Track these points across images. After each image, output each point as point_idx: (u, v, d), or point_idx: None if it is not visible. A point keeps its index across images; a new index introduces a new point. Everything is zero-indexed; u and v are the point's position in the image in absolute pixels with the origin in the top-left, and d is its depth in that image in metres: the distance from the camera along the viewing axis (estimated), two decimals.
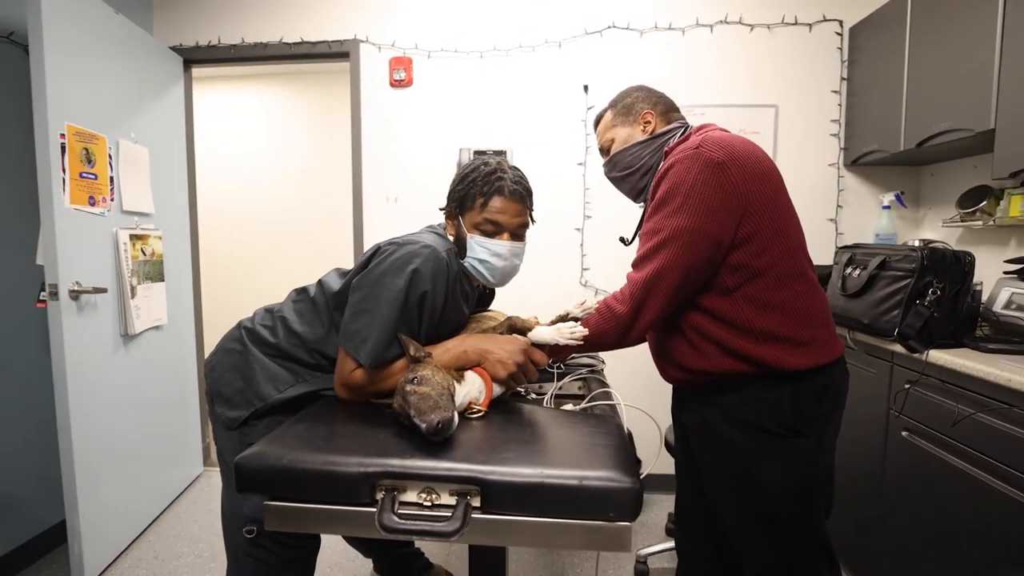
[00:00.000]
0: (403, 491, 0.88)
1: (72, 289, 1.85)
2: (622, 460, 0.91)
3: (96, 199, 2.01)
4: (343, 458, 0.90)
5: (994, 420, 1.34)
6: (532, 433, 1.02)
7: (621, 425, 1.10)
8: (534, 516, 0.85)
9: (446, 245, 1.22)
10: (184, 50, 2.69)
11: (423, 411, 0.93)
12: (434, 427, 0.90)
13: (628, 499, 0.83)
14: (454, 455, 0.91)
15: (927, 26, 2.01)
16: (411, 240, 1.16)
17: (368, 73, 2.66)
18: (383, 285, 1.12)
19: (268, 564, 1.21)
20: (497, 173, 1.20)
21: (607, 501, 0.83)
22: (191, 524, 2.34)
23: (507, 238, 1.22)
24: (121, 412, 2.12)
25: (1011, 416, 1.29)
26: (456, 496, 0.86)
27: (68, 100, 1.87)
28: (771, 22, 2.51)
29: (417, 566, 1.87)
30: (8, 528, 1.99)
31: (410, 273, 1.11)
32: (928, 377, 1.57)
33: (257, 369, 1.25)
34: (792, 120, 2.54)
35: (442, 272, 1.16)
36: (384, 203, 2.69)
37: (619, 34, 2.57)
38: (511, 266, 1.25)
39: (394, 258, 1.13)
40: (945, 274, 1.58)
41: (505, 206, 1.20)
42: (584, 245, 2.64)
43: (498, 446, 0.95)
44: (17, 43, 2.01)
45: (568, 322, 1.16)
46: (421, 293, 1.13)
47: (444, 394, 0.98)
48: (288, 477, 0.90)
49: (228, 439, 1.26)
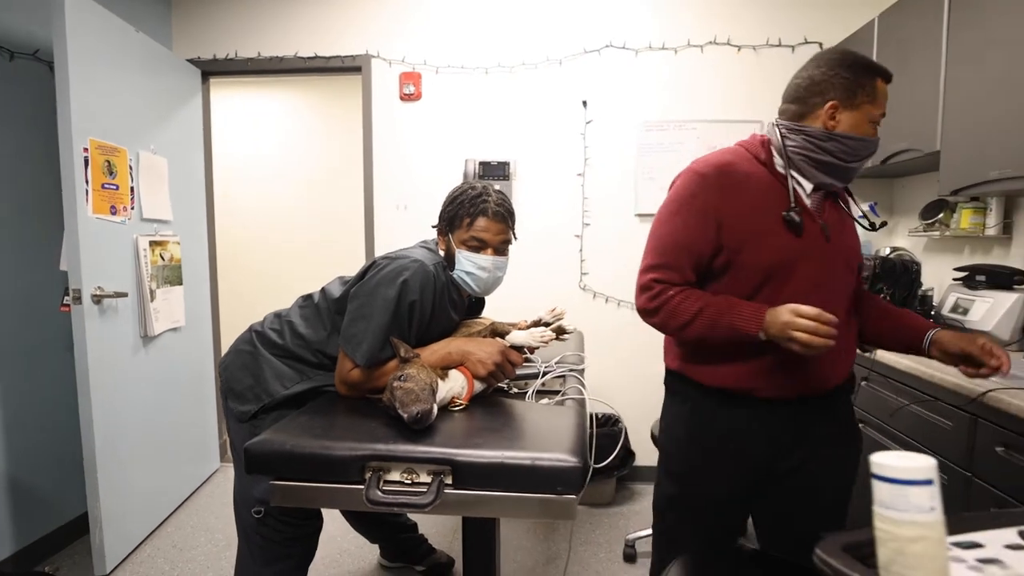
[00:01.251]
0: (388, 471, 0.99)
1: (94, 294, 1.99)
2: (573, 443, 1.02)
3: (117, 208, 2.15)
4: (337, 443, 1.02)
5: (923, 410, 1.50)
6: (503, 422, 1.14)
7: (583, 414, 1.21)
8: (497, 491, 0.97)
9: (434, 259, 1.35)
10: (202, 63, 2.84)
11: (405, 403, 1.05)
12: (414, 417, 1.02)
13: (574, 476, 0.96)
14: (432, 440, 1.03)
15: (890, 52, 2.14)
16: (402, 255, 1.30)
17: (379, 87, 2.79)
18: (377, 295, 1.25)
19: (273, 541, 1.33)
20: (482, 196, 1.34)
21: (556, 478, 0.96)
22: (208, 516, 2.47)
23: (491, 253, 1.35)
24: (141, 409, 2.26)
25: (936, 407, 1.45)
26: (431, 475, 0.97)
27: (91, 115, 2.01)
28: (757, 43, 2.64)
29: (421, 551, 2.00)
30: (33, 519, 2.13)
31: (400, 284, 1.24)
32: (876, 373, 1.71)
33: (266, 368, 1.37)
34: None
35: (429, 283, 1.29)
36: (394, 210, 2.82)
37: (616, 53, 2.69)
38: (494, 278, 1.39)
39: (387, 271, 1.26)
40: (896, 281, 1.72)
41: (489, 225, 1.33)
42: (583, 251, 2.75)
43: (471, 433, 1.07)
44: (42, 60, 2.15)
45: (540, 327, 1.29)
46: (410, 302, 1.26)
47: (426, 389, 1.09)
48: (290, 460, 1.02)
49: (240, 431, 1.38)
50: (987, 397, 1.24)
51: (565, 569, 2.05)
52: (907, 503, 0.50)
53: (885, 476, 0.51)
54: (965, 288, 1.91)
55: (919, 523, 0.49)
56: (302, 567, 1.41)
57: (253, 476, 1.06)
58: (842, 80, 1.12)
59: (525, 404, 1.28)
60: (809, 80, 1.15)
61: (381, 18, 2.77)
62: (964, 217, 2.06)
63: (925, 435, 1.50)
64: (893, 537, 0.50)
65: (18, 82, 2.06)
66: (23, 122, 2.08)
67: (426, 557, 2.00)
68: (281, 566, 1.35)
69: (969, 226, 2.04)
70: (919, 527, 0.49)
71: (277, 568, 1.34)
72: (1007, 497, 1.19)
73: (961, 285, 1.94)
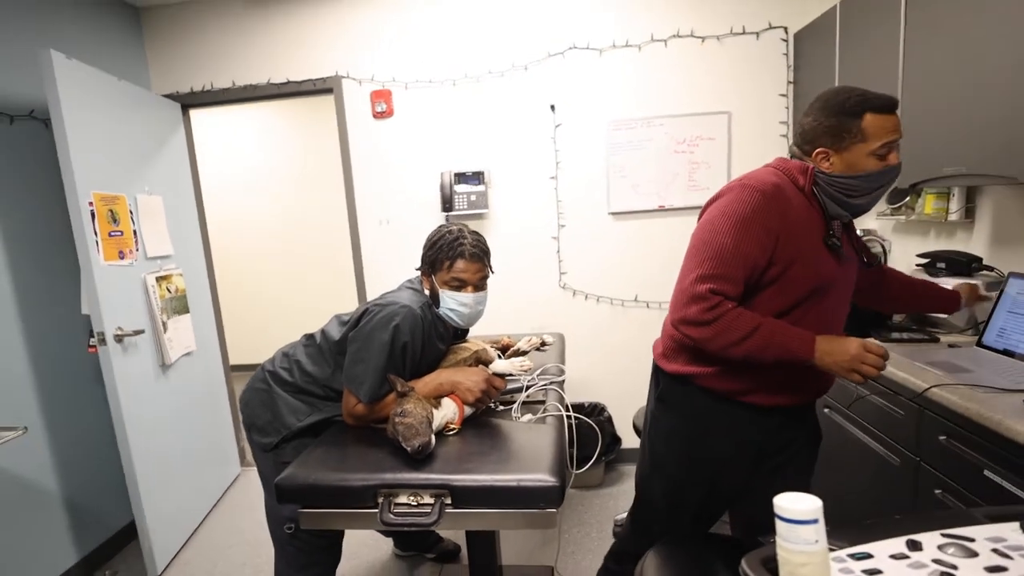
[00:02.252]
0: (396, 496, 1.23)
1: (116, 334, 2.19)
2: (551, 464, 1.24)
3: (125, 252, 2.33)
4: (352, 475, 1.26)
5: (880, 400, 1.65)
6: (491, 445, 1.36)
7: (562, 431, 1.43)
8: (489, 508, 1.20)
9: (420, 300, 1.54)
10: (181, 96, 2.96)
11: (408, 438, 1.27)
12: (416, 449, 1.25)
13: (553, 494, 1.18)
14: (432, 468, 1.25)
15: (850, 40, 2.20)
16: (391, 301, 1.49)
17: (352, 106, 2.91)
18: (373, 339, 1.45)
19: (305, 551, 1.58)
20: (459, 240, 1.52)
21: (538, 496, 1.18)
22: (237, 518, 2.75)
23: (471, 290, 1.55)
24: (167, 428, 2.49)
25: (891, 398, 1.59)
26: (434, 497, 1.21)
27: (91, 171, 2.16)
28: (720, 33, 2.70)
29: (430, 540, 2.28)
30: (88, 531, 2.40)
31: (392, 329, 1.44)
32: None
33: (281, 404, 1.59)
34: (744, 125, 2.75)
35: (418, 325, 1.49)
36: (377, 225, 2.97)
37: (580, 54, 2.78)
38: (476, 312, 1.59)
39: (379, 317, 1.46)
40: None
41: (467, 266, 1.52)
42: (560, 252, 2.92)
43: (464, 458, 1.30)
44: (37, 118, 2.29)
45: (519, 357, 1.51)
46: (403, 344, 1.46)
47: (424, 422, 1.31)
48: (314, 491, 1.25)
49: (264, 459, 1.61)
50: (931, 392, 1.37)
51: (559, 550, 2.30)
52: (797, 537, 0.66)
53: (782, 516, 0.68)
54: (927, 274, 1.97)
55: (807, 552, 0.66)
56: (331, 570, 1.66)
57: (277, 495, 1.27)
58: (825, 128, 1.20)
59: (510, 424, 1.49)
60: (802, 128, 1.26)
61: (349, 37, 2.86)
62: (928, 202, 2.16)
63: (881, 422, 1.64)
64: (788, 562, 0.68)
65: (19, 144, 2.21)
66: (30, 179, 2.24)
67: (435, 545, 2.28)
68: (313, 571, 1.60)
69: (933, 211, 2.13)
70: (806, 555, 0.66)
71: (310, 573, 1.60)
72: (947, 480, 1.36)
73: (923, 271, 2.02)
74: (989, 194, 1.99)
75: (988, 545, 0.73)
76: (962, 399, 1.29)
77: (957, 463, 1.33)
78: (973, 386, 1.34)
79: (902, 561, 0.71)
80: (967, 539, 0.74)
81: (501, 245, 2.88)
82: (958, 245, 2.12)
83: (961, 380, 1.38)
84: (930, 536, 0.76)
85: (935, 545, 0.74)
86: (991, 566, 0.69)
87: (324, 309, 4.34)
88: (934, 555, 0.72)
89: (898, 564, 0.71)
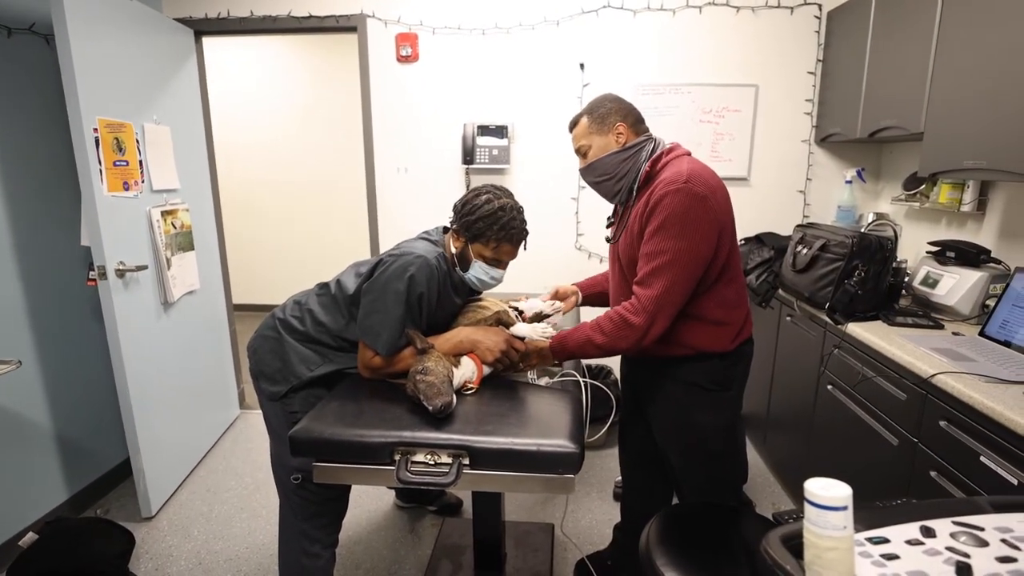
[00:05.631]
0: (414, 454, 1.17)
1: (117, 268, 2.11)
2: (571, 430, 1.20)
3: (130, 184, 2.22)
4: (370, 431, 1.20)
5: (884, 382, 1.66)
6: (510, 407, 1.31)
7: (580, 399, 1.38)
8: (507, 471, 1.17)
9: (435, 251, 1.47)
10: (194, 22, 2.80)
11: (430, 396, 1.21)
12: (438, 409, 1.19)
13: (572, 460, 1.14)
14: (451, 427, 1.20)
15: (885, 24, 2.13)
16: (406, 251, 1.42)
17: (375, 48, 2.77)
18: (388, 289, 1.38)
19: (312, 502, 1.54)
20: (516, 222, 1.47)
21: (557, 461, 1.14)
22: (235, 461, 2.72)
23: (504, 267, 1.53)
24: (166, 367, 2.44)
25: (895, 381, 1.61)
26: (452, 457, 1.16)
27: (96, 94, 2.04)
28: (755, 4, 2.60)
29: (432, 493, 2.26)
30: (80, 468, 2.35)
31: (408, 279, 1.38)
32: (847, 344, 1.87)
33: (291, 353, 1.52)
34: (771, 99, 2.68)
35: (433, 276, 1.43)
36: (395, 173, 2.87)
37: (614, 13, 2.66)
38: (499, 282, 1.57)
39: (394, 267, 1.39)
40: (870, 259, 1.86)
41: (512, 251, 1.51)
42: (579, 213, 2.85)
43: (483, 419, 1.25)
44: (38, 33, 2.14)
45: (542, 323, 1.49)
46: (419, 294, 1.40)
47: (445, 381, 1.26)
48: (330, 446, 1.20)
49: (272, 408, 1.55)
50: (936, 379, 1.40)
51: (565, 510, 2.31)
52: (826, 523, 0.65)
53: (812, 501, 0.67)
54: (936, 262, 2.02)
55: (834, 538, 0.65)
56: (337, 520, 1.63)
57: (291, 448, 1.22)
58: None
59: (528, 386, 1.44)
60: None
61: None
62: (943, 192, 2.17)
63: (883, 403, 1.65)
64: (814, 545, 0.66)
65: (17, 59, 2.07)
66: (29, 98, 2.11)
67: (437, 498, 2.26)
68: (319, 521, 1.56)
69: (947, 201, 2.15)
70: (834, 540, 0.65)
71: (316, 523, 1.56)
72: (944, 463, 1.38)
73: (933, 259, 2.05)
74: (1003, 189, 2.00)
75: (997, 535, 0.73)
76: (967, 387, 1.32)
77: (955, 447, 1.35)
78: (978, 375, 1.38)
79: (917, 547, 0.71)
80: (977, 527, 0.75)
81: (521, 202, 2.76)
82: (967, 236, 2.14)
83: (964, 368, 1.42)
84: (942, 523, 0.76)
85: (947, 533, 0.74)
86: (1001, 556, 0.69)
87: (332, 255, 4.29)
88: (947, 543, 0.72)
89: (914, 550, 0.71)
